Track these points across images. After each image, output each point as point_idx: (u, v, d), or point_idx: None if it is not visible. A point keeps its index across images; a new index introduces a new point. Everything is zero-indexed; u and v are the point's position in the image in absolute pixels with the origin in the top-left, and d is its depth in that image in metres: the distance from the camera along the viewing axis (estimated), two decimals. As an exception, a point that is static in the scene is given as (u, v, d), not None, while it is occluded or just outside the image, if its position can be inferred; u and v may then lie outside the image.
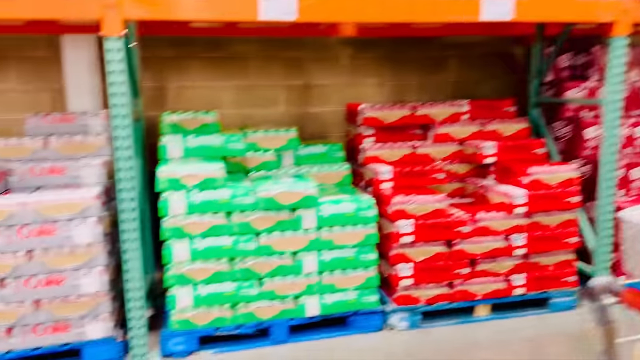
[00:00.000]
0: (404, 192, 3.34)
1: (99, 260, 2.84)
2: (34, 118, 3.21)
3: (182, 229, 2.93)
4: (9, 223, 2.70)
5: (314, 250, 3.10)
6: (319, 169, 3.63)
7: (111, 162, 3.24)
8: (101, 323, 2.88)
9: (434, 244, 3.24)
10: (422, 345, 3.10)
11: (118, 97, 2.71)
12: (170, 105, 4.15)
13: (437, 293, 3.29)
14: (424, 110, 3.73)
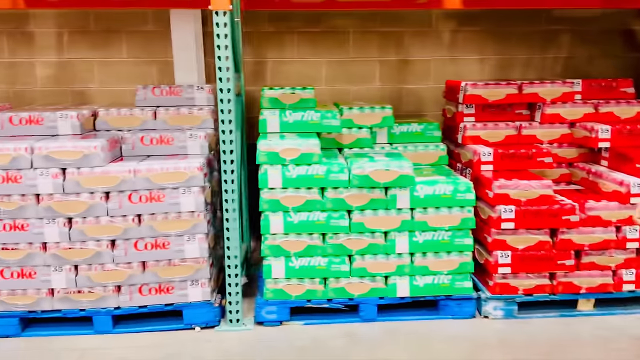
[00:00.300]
0: (506, 175, 3.18)
1: (201, 228, 2.97)
2: (143, 90, 3.38)
3: (278, 201, 2.99)
4: (121, 188, 2.89)
5: (407, 230, 3.04)
6: (414, 148, 3.55)
7: (213, 135, 3.36)
8: (200, 287, 3.03)
9: (536, 232, 3.07)
10: (517, 336, 2.97)
11: (224, 72, 2.78)
12: (268, 80, 4.21)
13: (537, 284, 3.12)
14: (532, 89, 3.50)
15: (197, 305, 3.04)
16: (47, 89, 4.07)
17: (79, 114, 3.09)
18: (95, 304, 2.99)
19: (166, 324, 3.06)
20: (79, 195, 2.88)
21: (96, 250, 2.92)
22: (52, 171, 2.85)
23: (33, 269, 2.94)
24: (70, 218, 2.91)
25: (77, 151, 2.85)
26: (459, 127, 3.59)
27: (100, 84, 4.10)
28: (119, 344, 2.92)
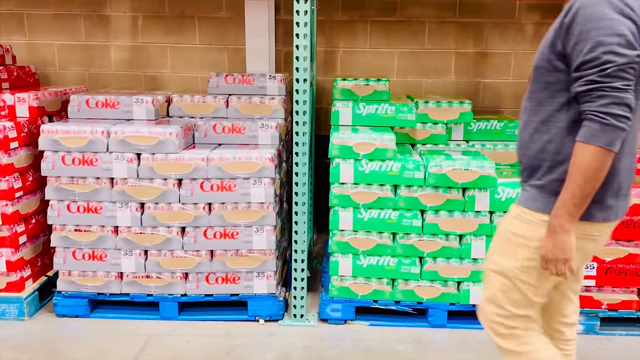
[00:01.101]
0: (594, 181, 2.95)
1: (270, 219, 2.91)
2: (216, 77, 3.35)
3: (349, 197, 2.89)
4: (193, 176, 2.87)
5: (484, 235, 2.88)
6: (492, 146, 3.36)
7: (283, 125, 3.29)
8: (266, 279, 2.99)
9: (627, 244, 2.83)
10: (599, 353, 2.77)
11: (301, 61, 2.70)
12: (338, 71, 4.11)
13: (623, 299, 2.90)
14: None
15: (262, 297, 3.00)
16: (120, 72, 4.13)
17: (154, 99, 3.09)
18: (163, 289, 3.00)
19: (230, 314, 3.04)
20: (153, 181, 2.88)
21: (166, 237, 2.93)
22: (127, 156, 2.86)
23: (104, 252, 2.98)
24: (142, 203, 2.92)
25: (152, 137, 2.85)
26: (542, 127, 3.36)
27: (172, 70, 4.12)
28: (184, 331, 2.92)
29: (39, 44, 4.09)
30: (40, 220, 3.19)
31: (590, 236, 1.65)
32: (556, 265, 1.59)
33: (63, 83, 4.13)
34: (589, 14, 1.48)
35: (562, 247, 1.57)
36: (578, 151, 1.51)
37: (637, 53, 1.47)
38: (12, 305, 2.98)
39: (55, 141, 2.86)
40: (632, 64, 1.47)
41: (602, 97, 1.47)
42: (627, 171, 1.64)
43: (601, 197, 1.59)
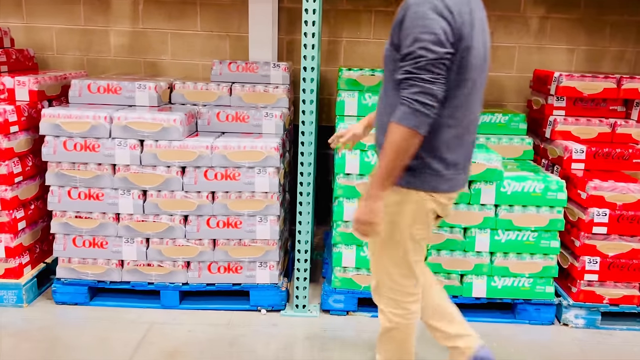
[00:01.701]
0: (598, 176, 2.95)
1: (274, 209, 2.89)
2: (220, 64, 3.30)
3: (354, 188, 2.87)
4: (197, 164, 2.84)
5: (489, 228, 2.87)
6: (497, 140, 3.35)
7: (287, 115, 3.26)
8: (269, 270, 2.97)
9: (631, 239, 2.84)
10: (599, 347, 2.78)
11: (309, 49, 2.66)
12: (341, 61, 4.07)
13: (625, 294, 2.91)
14: (632, 84, 3.22)
15: (264, 287, 2.98)
16: (120, 58, 4.06)
17: (156, 86, 3.04)
18: (164, 278, 2.97)
19: (232, 303, 3.02)
20: (156, 168, 2.84)
21: (169, 225, 2.89)
22: (130, 142, 2.81)
23: (105, 239, 2.94)
24: (145, 190, 2.88)
25: (156, 123, 2.80)
26: (547, 121, 3.35)
27: (173, 56, 4.06)
28: (185, 319, 2.90)
29: (37, 28, 4.01)
30: (39, 206, 3.14)
31: (440, 203, 1.93)
32: (366, 226, 1.83)
33: (61, 67, 4.05)
34: (414, 13, 1.69)
35: (371, 212, 1.80)
36: (390, 130, 1.72)
37: (446, 50, 1.69)
38: (11, 291, 2.93)
39: (56, 126, 2.81)
40: (442, 59, 1.69)
41: (413, 86, 1.68)
42: (462, 148, 1.90)
43: (440, 170, 1.86)
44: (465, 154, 1.94)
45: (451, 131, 1.83)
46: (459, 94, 1.79)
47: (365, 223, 1.82)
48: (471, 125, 1.91)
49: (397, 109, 1.72)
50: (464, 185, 1.99)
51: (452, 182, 1.92)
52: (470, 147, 1.97)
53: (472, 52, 1.76)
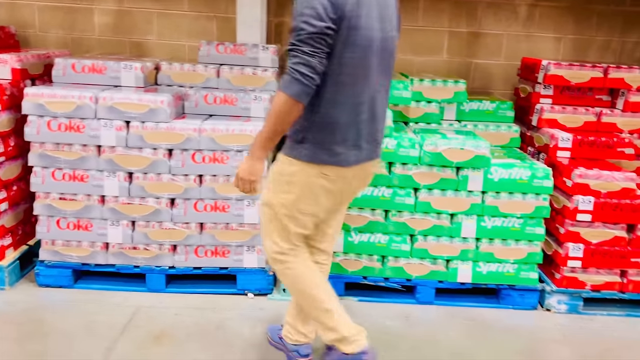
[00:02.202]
0: (583, 164, 2.99)
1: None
2: (207, 46, 3.24)
3: (344, 173, 2.86)
4: (185, 147, 2.80)
5: (476, 215, 2.90)
6: (484, 127, 3.38)
7: (276, 97, 3.22)
8: (256, 254, 2.96)
9: (614, 226, 2.89)
10: (581, 332, 2.84)
11: (301, 31, 2.62)
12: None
13: (607, 280, 2.97)
14: (618, 74, 3.26)
15: (251, 271, 2.98)
16: (104, 37, 3.97)
17: (142, 66, 2.98)
18: (150, 261, 2.94)
19: (219, 287, 3.01)
20: (142, 150, 2.80)
21: (155, 208, 2.86)
22: (116, 123, 2.76)
23: (89, 222, 2.90)
24: (131, 173, 2.84)
25: (142, 104, 2.75)
26: (533, 109, 3.38)
27: (159, 37, 3.98)
28: (172, 303, 2.88)
29: (18, 4, 3.89)
30: (22, 187, 3.08)
31: (326, 176, 1.99)
32: (245, 183, 2.00)
33: (44, 46, 3.95)
34: None
35: (252, 170, 1.98)
36: (275, 97, 1.85)
37: (326, 25, 1.77)
38: (-7, 274, 2.88)
39: (40, 105, 2.74)
40: (322, 34, 1.78)
41: (295, 57, 1.79)
42: (352, 125, 1.96)
43: (328, 145, 1.95)
44: (356, 132, 1.99)
45: (338, 107, 1.92)
46: (345, 72, 1.88)
47: (246, 181, 1.99)
48: (362, 104, 1.96)
49: (282, 77, 1.85)
50: (356, 163, 2.03)
51: (340, 158, 1.98)
52: (364, 125, 2.00)
53: (359, 32, 1.84)
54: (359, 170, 2.07)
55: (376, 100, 2.02)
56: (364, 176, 2.15)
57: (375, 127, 2.07)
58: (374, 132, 2.07)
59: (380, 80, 2.00)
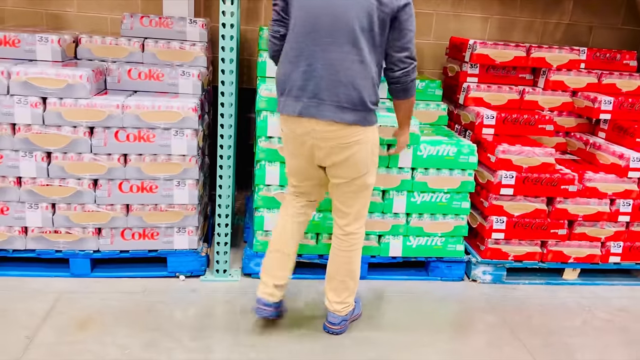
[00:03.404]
0: (506, 140, 3.12)
1: (192, 173, 2.79)
2: (130, 18, 3.09)
3: (277, 151, 2.83)
4: (107, 124, 2.67)
5: (406, 191, 2.96)
6: (414, 105, 3.42)
7: (205, 74, 3.13)
8: (187, 235, 2.89)
9: (534, 199, 3.04)
10: (505, 300, 2.99)
11: (227, 4, 2.55)
12: (262, 21, 3.95)
13: (528, 251, 3.13)
14: (539, 53, 3.40)
15: (182, 253, 2.90)
16: (18, 8, 3.69)
17: (60, 39, 2.80)
18: (73, 245, 2.80)
19: (148, 270, 2.92)
20: (60, 129, 2.64)
21: (76, 189, 2.71)
22: (31, 100, 2.58)
23: (5, 205, 2.72)
24: (49, 152, 2.67)
25: (60, 79, 2.59)
26: (461, 87, 3.47)
27: (79, 9, 3.74)
28: (98, 288, 2.77)
29: None
30: None
31: (281, 124, 2.34)
32: None
33: (-53, 16, 3.62)
34: None
35: None
36: None
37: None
38: None
39: (-58, 80, 2.51)
40: (275, 5, 2.26)
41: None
42: (290, 76, 2.20)
43: (278, 96, 2.29)
44: (293, 83, 2.19)
45: (284, 62, 2.24)
46: (290, 33, 2.22)
47: None
48: (301, 59, 2.17)
49: None
50: (294, 113, 2.21)
51: (281, 106, 2.26)
52: (301, 77, 2.17)
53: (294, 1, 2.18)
54: (307, 126, 2.20)
55: (318, 59, 2.14)
56: (318, 137, 2.21)
57: (319, 86, 2.15)
58: (317, 91, 2.15)
59: (334, 43, 2.12)
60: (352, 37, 2.11)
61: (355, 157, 2.24)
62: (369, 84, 2.17)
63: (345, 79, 2.13)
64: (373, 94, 2.20)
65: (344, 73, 2.12)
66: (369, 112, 2.22)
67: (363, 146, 2.24)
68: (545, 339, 2.64)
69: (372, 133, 2.28)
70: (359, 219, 2.43)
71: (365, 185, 2.35)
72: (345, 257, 2.45)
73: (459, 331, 2.69)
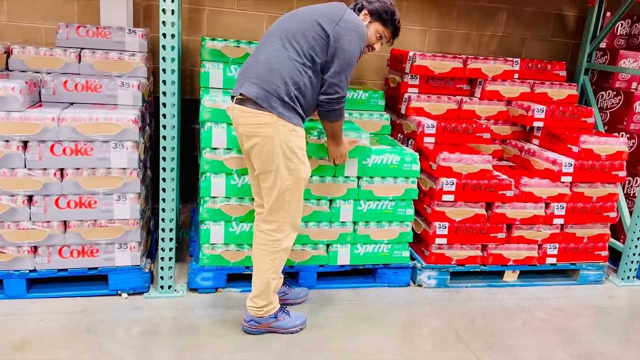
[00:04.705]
0: (447, 148, 3.22)
1: (133, 187, 2.71)
2: (66, 28, 2.98)
3: (222, 162, 2.80)
4: (42, 138, 2.55)
5: (352, 199, 2.99)
6: (359, 115, 3.47)
7: (146, 85, 3.06)
8: (129, 251, 2.80)
9: (474, 205, 3.15)
10: (449, 304, 3.07)
11: (168, 14, 2.51)
12: (204, 30, 3.91)
13: (470, 255, 3.23)
14: (475, 64, 3.54)
15: (124, 269, 2.81)
16: (-59, 16, 3.48)
17: (-12, 49, 2.66)
18: (7, 265, 2.66)
19: (88, 289, 2.80)
20: (-10, 143, 2.50)
21: (10, 206, 2.58)
22: (-43, 113, 2.44)
23: None
24: (-22, 169, 2.53)
25: (-11, 92, 2.46)
26: (402, 98, 3.56)
27: (10, 18, 3.57)
28: (35, 309, 2.63)
29: None
30: None
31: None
32: None
33: None
34: None
35: None
36: None
37: None
38: None
39: None
40: None
41: None
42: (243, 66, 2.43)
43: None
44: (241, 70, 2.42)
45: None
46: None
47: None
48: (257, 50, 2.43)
49: None
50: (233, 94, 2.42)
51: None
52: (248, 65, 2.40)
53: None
54: (232, 113, 2.42)
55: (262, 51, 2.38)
56: (236, 123, 2.41)
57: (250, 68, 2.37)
58: (245, 71, 2.38)
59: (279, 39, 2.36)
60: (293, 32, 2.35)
61: (259, 148, 2.34)
62: (287, 76, 2.29)
63: (267, 61, 2.32)
64: (287, 86, 2.29)
65: (269, 59, 2.33)
66: (275, 99, 2.29)
67: (268, 140, 2.31)
68: (488, 341, 2.72)
69: (284, 132, 2.33)
70: (269, 222, 2.46)
71: (275, 185, 2.37)
72: (255, 250, 2.53)
73: (406, 336, 2.74)
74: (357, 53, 2.37)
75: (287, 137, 2.33)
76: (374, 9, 2.46)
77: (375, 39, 2.52)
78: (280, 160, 2.33)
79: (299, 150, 2.38)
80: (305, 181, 2.45)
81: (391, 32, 2.55)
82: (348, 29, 2.31)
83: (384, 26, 2.49)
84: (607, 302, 3.26)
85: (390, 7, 2.49)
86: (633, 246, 3.44)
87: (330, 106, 2.39)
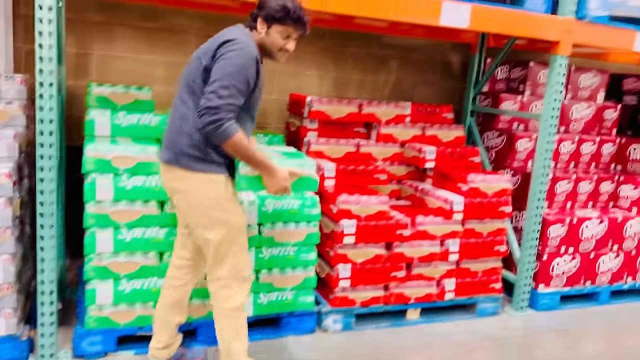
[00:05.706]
0: (346, 190, 3.26)
1: (7, 247, 2.46)
2: None
3: (108, 216, 2.62)
4: None
5: (254, 247, 2.91)
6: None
7: (24, 135, 2.84)
8: (4, 319, 2.51)
9: (374, 245, 3.19)
10: (355, 348, 3.04)
11: (46, 62, 2.36)
12: (93, 75, 3.74)
13: (373, 295, 3.25)
14: (370, 109, 3.66)
15: (-3, 340, 2.51)
16: None
17: None
18: None
19: (-48, 367, 2.47)
20: None
21: None
22: None
23: None
24: None
25: None
26: (302, 141, 3.59)
27: None
28: None
29: None
30: None
31: None
32: None
33: None
34: None
35: None
36: None
37: None
38: None
39: None
40: None
41: None
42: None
43: None
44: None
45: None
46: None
47: None
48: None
49: None
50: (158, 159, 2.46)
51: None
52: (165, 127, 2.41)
53: None
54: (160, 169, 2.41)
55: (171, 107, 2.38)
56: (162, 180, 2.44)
57: (165, 131, 2.38)
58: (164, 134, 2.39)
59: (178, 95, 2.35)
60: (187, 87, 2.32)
61: (179, 204, 2.36)
62: (191, 130, 2.25)
63: (171, 122, 2.34)
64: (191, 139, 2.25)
65: (173, 120, 2.33)
66: (184, 157, 2.26)
67: (186, 195, 2.30)
68: (394, 383, 2.71)
69: (200, 185, 2.27)
70: (213, 281, 2.43)
71: (209, 240, 2.31)
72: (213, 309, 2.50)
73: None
74: (239, 60, 2.18)
75: (204, 189, 2.28)
76: (266, 13, 2.31)
77: (282, 40, 2.35)
78: (205, 213, 2.29)
79: (224, 200, 2.31)
80: (243, 229, 2.38)
81: (294, 27, 2.33)
82: (224, 49, 2.20)
83: (283, 25, 2.31)
84: (503, 333, 3.40)
85: (280, 5, 2.29)
86: (524, 277, 3.65)
87: (204, 119, 2.13)
